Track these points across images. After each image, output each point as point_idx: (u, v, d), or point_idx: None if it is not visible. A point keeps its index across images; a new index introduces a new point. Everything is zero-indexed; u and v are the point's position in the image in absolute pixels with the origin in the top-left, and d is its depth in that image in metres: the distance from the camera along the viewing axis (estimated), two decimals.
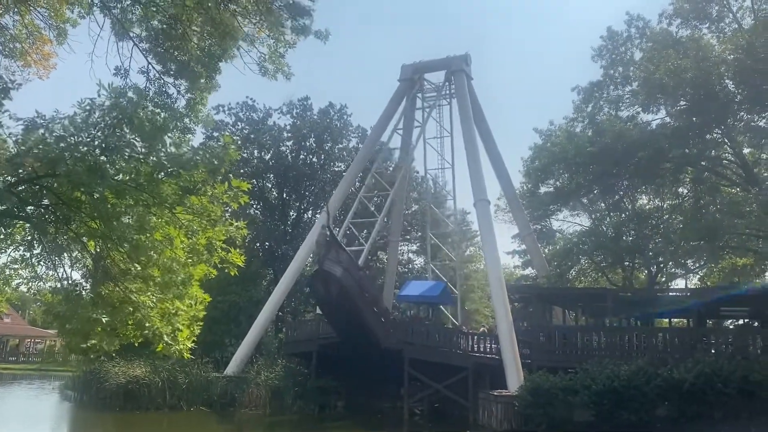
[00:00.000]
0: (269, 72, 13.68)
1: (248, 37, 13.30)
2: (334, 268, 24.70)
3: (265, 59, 13.40)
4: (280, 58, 13.33)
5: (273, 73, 13.68)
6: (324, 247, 25.08)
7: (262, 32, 13.05)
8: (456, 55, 41.53)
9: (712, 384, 21.84)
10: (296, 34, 13.30)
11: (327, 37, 13.69)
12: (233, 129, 50.23)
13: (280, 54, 13.28)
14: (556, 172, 38.56)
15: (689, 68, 28.91)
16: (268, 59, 13.45)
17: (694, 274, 45.20)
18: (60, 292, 9.98)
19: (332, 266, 24.67)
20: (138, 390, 29.44)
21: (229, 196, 8.41)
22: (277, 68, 13.63)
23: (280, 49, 13.27)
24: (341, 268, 24.98)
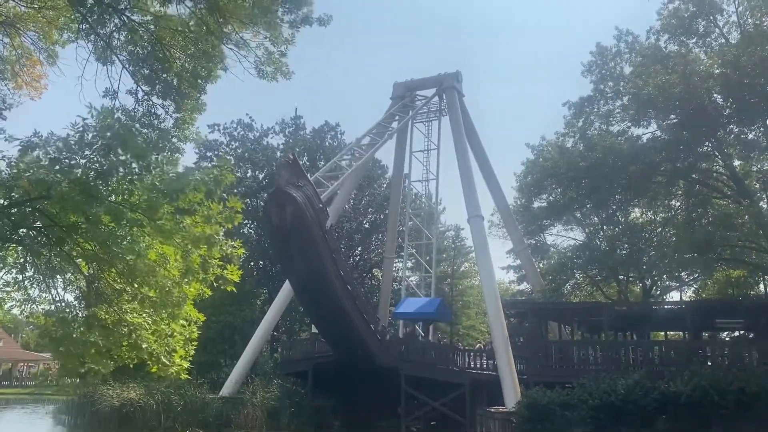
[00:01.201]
0: (268, 74, 13.62)
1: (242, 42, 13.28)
2: (295, 193, 21.91)
3: (262, 62, 13.38)
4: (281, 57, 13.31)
5: (272, 75, 13.61)
6: (286, 170, 22.30)
7: (258, 35, 13.07)
8: (447, 72, 41.82)
9: (709, 396, 21.81)
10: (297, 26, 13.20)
11: (329, 21, 13.54)
12: (227, 149, 50.35)
13: (281, 53, 13.26)
14: (548, 187, 38.74)
15: (678, 83, 29.20)
16: (265, 61, 13.42)
17: (688, 286, 45.34)
18: (53, 314, 9.93)
19: (293, 191, 21.92)
20: (132, 413, 29.19)
21: (224, 217, 8.41)
22: (276, 69, 13.55)
23: (280, 48, 13.26)
24: (302, 195, 22.26)
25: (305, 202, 22.07)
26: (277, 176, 22.51)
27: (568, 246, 46.74)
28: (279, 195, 21.88)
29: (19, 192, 8.32)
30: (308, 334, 43.74)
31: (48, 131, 8.09)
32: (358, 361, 28.84)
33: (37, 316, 11.52)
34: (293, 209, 21.62)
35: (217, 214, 8.24)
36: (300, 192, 21.95)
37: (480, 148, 42.16)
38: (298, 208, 21.65)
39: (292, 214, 21.72)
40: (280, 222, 22.05)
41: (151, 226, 7.65)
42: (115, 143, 7.82)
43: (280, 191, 21.75)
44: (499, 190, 42.52)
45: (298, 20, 12.99)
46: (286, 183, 21.75)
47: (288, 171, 22.12)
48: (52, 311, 10.11)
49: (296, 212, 21.69)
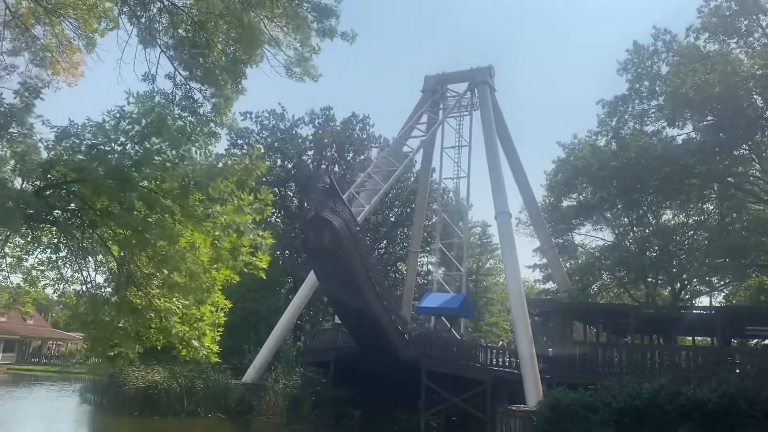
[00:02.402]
0: (296, 75, 13.70)
1: (274, 41, 13.36)
2: (332, 218, 22.52)
3: (292, 62, 13.44)
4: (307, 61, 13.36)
5: (300, 75, 13.69)
6: (323, 194, 22.90)
7: (288, 36, 13.12)
8: (480, 66, 41.49)
9: (737, 405, 21.37)
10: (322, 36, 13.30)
11: (354, 38, 13.60)
12: (258, 137, 50.72)
13: (306, 58, 13.32)
14: (579, 186, 38.33)
15: (716, 83, 28.58)
16: (294, 62, 13.49)
17: (719, 291, 44.54)
18: (84, 295, 10.11)
19: (331, 215, 22.53)
20: (156, 395, 29.64)
21: (254, 208, 8.44)
22: (304, 71, 13.63)
23: (305, 54, 13.32)
24: (340, 219, 22.85)
25: (342, 227, 22.72)
26: (315, 201, 23.09)
27: (596, 246, 46.27)
28: (317, 220, 22.40)
29: (55, 175, 8.47)
30: (331, 324, 43.97)
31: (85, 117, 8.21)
32: (381, 354, 28.89)
33: (69, 296, 11.74)
34: (331, 234, 22.39)
35: (247, 204, 8.27)
36: (337, 217, 22.60)
37: (510, 145, 41.81)
38: (335, 233, 22.38)
39: (330, 239, 22.50)
40: (318, 245, 22.97)
41: (182, 213, 7.70)
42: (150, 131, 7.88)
43: (318, 217, 22.30)
44: (528, 188, 42.16)
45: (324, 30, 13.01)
46: (324, 208, 22.37)
47: (325, 196, 22.74)
48: (83, 292, 10.30)
49: (334, 237, 22.45)
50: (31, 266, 10.82)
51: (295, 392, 30.41)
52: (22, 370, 60.92)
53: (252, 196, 8.42)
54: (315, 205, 22.71)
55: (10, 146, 8.22)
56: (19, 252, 10.60)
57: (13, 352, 65.91)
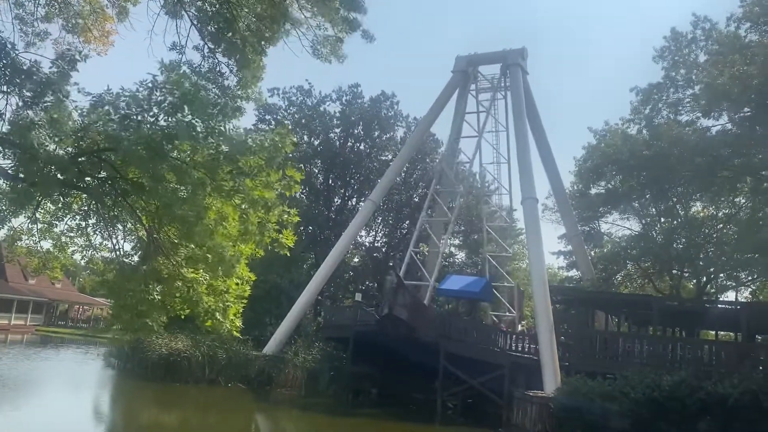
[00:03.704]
0: (323, 55, 13.72)
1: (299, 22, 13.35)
2: (401, 313, 27.61)
3: (319, 42, 13.45)
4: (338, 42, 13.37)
5: (327, 56, 13.71)
6: (392, 294, 27.92)
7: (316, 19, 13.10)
8: (512, 48, 40.90)
9: (758, 402, 21.11)
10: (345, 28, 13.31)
11: (372, 39, 13.78)
12: (285, 113, 50.82)
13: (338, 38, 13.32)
14: (608, 174, 37.85)
15: (756, 74, 27.84)
16: (321, 43, 13.49)
17: (745, 287, 43.84)
18: (112, 262, 10.28)
19: (400, 311, 27.61)
20: (179, 363, 30.15)
21: (283, 185, 8.48)
22: (331, 51, 13.65)
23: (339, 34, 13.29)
24: (407, 312, 27.82)
25: (412, 316, 27.79)
26: (387, 300, 28.07)
27: (622, 236, 45.75)
28: (391, 318, 27.59)
29: (88, 142, 8.57)
30: (351, 301, 44.25)
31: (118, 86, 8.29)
32: (400, 334, 29.11)
33: (97, 262, 11.94)
34: (405, 326, 27.75)
35: (276, 181, 8.31)
36: (406, 311, 27.67)
37: (540, 129, 41.32)
38: (407, 325, 27.74)
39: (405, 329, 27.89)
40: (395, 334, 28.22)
41: (211, 186, 7.77)
42: (182, 102, 7.92)
43: (392, 316, 27.39)
44: (557, 174, 41.67)
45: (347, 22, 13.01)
46: (395, 306, 27.44)
47: (394, 295, 27.71)
48: (111, 259, 10.47)
49: (407, 327, 27.80)
50: (61, 232, 11.03)
51: (314, 366, 30.74)
52: (50, 332, 62.46)
53: (280, 172, 8.45)
54: (388, 304, 27.69)
55: (46, 113, 8.33)
56: (50, 218, 10.79)
57: (41, 314, 67.59)
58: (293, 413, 27.93)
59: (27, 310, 64.12)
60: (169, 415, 25.36)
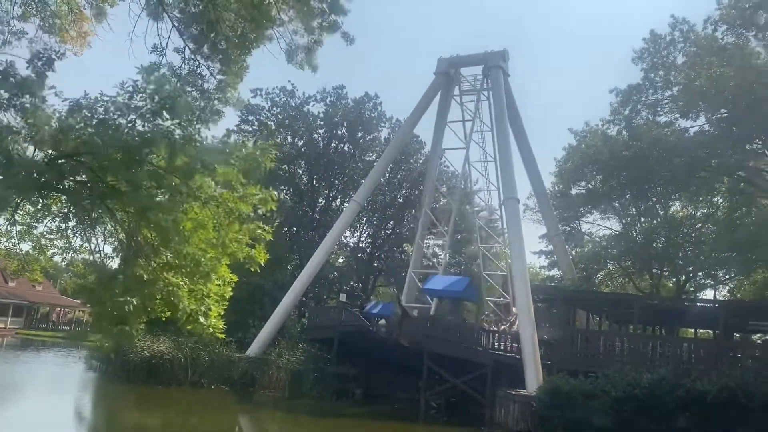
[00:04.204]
0: (297, 62, 13.75)
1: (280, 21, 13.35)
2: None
3: (294, 49, 13.45)
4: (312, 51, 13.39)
5: (301, 63, 13.73)
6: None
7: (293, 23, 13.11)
8: (494, 50, 41.15)
9: (736, 399, 21.44)
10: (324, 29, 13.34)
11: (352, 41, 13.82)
12: (268, 114, 50.66)
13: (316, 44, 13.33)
14: (588, 174, 38.24)
15: (733, 76, 28.32)
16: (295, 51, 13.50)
17: (723, 285, 44.49)
18: (92, 265, 10.23)
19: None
20: (161, 365, 29.99)
21: (259, 200, 8.51)
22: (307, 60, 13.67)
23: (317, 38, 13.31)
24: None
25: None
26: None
27: (603, 235, 46.24)
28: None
29: (66, 146, 8.54)
30: (336, 302, 44.23)
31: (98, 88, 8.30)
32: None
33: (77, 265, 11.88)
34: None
35: (252, 195, 8.33)
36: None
37: (521, 130, 41.61)
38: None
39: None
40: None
41: (188, 193, 7.76)
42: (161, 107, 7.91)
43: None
44: (537, 174, 41.99)
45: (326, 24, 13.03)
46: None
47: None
48: (91, 262, 10.43)
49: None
50: (41, 234, 10.96)
51: (298, 368, 30.71)
52: (31, 335, 61.74)
53: (258, 187, 8.48)
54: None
55: (23, 116, 8.29)
56: (29, 220, 10.72)
57: (21, 317, 66.79)
58: (277, 415, 27.92)
59: (7, 313, 63.34)
60: (152, 418, 25.23)
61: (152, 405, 27.39)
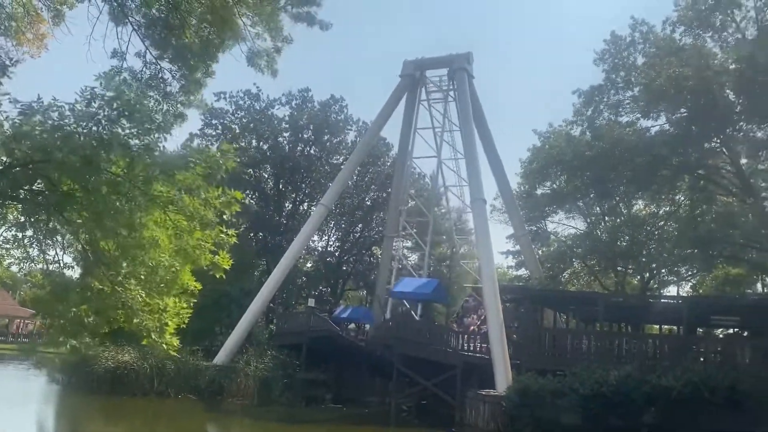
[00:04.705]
0: (258, 66, 13.62)
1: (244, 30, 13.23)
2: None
3: (259, 54, 13.34)
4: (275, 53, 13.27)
5: (262, 68, 13.62)
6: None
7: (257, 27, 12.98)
8: (458, 53, 41.41)
9: (700, 393, 21.88)
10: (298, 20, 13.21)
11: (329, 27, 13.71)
12: (233, 117, 50.07)
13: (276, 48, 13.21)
14: (553, 175, 38.67)
15: (691, 76, 28.93)
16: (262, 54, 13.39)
17: (686, 281, 45.44)
18: (51, 275, 9.90)
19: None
20: (126, 375, 29.34)
21: (222, 203, 8.32)
22: (267, 64, 13.56)
23: (278, 44, 13.19)
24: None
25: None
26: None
27: (568, 234, 46.84)
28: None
29: (20, 153, 8.24)
30: (304, 307, 43.91)
31: (49, 90, 8.05)
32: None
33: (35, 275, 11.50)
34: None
35: (214, 198, 8.15)
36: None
37: (487, 132, 41.92)
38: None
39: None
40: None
41: (146, 199, 7.55)
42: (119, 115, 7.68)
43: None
44: (504, 175, 42.36)
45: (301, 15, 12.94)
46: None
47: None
48: (49, 272, 10.08)
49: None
50: None
51: (267, 375, 30.37)
52: None
53: (220, 189, 8.29)
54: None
55: None
56: None
57: None
58: (245, 422, 27.54)
59: None
60: (117, 428, 24.69)
61: (117, 416, 26.75)
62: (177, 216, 7.99)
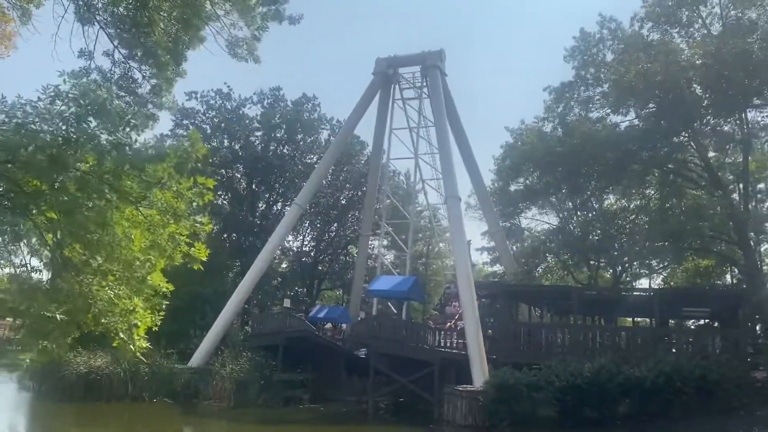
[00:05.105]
0: (240, 55, 13.48)
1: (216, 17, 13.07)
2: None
3: (236, 43, 13.20)
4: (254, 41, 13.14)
5: (244, 56, 13.48)
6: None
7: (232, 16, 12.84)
8: (431, 50, 41.50)
9: (672, 383, 22.23)
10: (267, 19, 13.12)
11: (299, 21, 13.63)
12: (204, 117, 49.52)
13: (255, 36, 13.09)
14: (526, 171, 38.96)
15: (659, 72, 29.34)
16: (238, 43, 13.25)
17: (657, 274, 46.17)
18: (18, 280, 9.67)
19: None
20: (99, 380, 28.85)
21: (194, 193, 8.19)
22: (249, 51, 13.43)
23: (255, 33, 13.07)
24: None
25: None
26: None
27: (542, 230, 47.30)
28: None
29: None
30: (280, 308, 43.66)
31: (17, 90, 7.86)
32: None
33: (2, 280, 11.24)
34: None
35: (186, 189, 8.02)
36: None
37: (460, 129, 42.10)
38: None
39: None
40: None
41: (117, 197, 7.41)
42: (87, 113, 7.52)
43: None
44: (478, 172, 42.60)
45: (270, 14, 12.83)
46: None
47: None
48: (16, 276, 9.85)
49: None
50: None
51: (243, 376, 30.09)
52: None
53: (191, 180, 8.17)
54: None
55: None
56: None
57: None
58: (222, 425, 27.28)
59: None
60: None
61: (91, 423, 26.29)
62: (150, 211, 7.84)
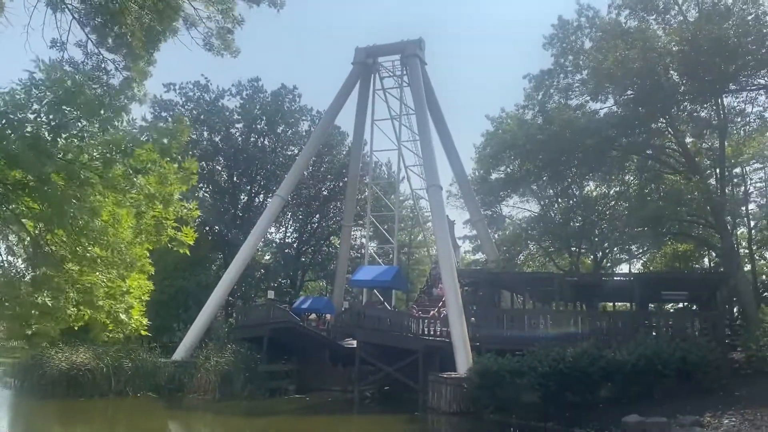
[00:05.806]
0: (215, 48, 13.36)
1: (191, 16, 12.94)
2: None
3: (212, 35, 13.08)
4: (228, 34, 13.02)
5: (219, 49, 13.36)
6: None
7: (210, 7, 12.71)
8: (410, 39, 41.43)
9: (653, 365, 22.53)
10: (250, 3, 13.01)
11: (282, 5, 13.51)
12: (183, 109, 48.98)
13: (228, 30, 12.97)
14: (507, 159, 39.12)
15: (636, 58, 29.56)
16: (214, 35, 13.13)
17: (637, 259, 46.77)
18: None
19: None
20: (82, 376, 28.62)
21: (179, 178, 8.16)
22: (224, 45, 13.31)
23: (227, 25, 12.95)
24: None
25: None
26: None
27: (523, 217, 47.59)
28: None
29: None
30: (264, 300, 43.58)
31: None
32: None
33: None
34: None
35: (172, 174, 7.99)
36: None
37: (440, 118, 42.19)
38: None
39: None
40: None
41: (103, 185, 7.35)
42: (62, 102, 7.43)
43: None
44: (459, 161, 42.78)
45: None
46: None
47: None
48: None
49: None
50: None
51: (228, 369, 30.02)
52: None
53: (176, 165, 8.13)
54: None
55: None
56: None
57: None
58: (207, 418, 27.20)
59: None
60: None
61: (74, 419, 26.09)
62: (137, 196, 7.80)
